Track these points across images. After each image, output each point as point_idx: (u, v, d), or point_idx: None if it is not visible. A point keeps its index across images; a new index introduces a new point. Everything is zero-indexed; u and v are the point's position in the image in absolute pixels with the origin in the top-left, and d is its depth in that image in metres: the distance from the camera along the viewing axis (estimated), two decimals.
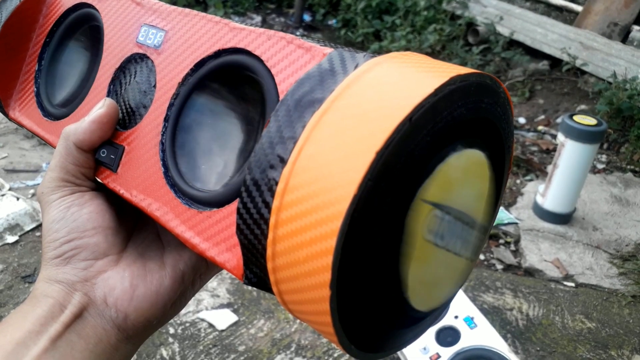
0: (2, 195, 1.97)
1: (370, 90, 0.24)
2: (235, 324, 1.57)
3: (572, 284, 1.86)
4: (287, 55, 0.29)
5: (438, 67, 0.25)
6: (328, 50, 0.28)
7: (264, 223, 0.25)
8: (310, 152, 0.23)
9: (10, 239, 1.83)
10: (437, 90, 0.23)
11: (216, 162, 0.32)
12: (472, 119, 0.25)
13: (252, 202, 0.25)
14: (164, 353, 1.46)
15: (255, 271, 0.27)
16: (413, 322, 0.28)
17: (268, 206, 0.24)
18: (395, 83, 0.24)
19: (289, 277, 0.24)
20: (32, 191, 2.10)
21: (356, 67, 0.25)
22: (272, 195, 0.24)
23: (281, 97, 0.28)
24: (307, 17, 4.44)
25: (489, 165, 0.28)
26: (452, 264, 0.28)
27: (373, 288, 0.24)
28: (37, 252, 1.81)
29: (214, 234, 0.30)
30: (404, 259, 0.24)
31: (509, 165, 0.31)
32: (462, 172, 0.25)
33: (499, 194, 0.30)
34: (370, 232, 0.22)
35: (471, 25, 3.79)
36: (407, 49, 3.58)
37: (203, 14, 0.35)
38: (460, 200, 0.26)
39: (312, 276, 0.23)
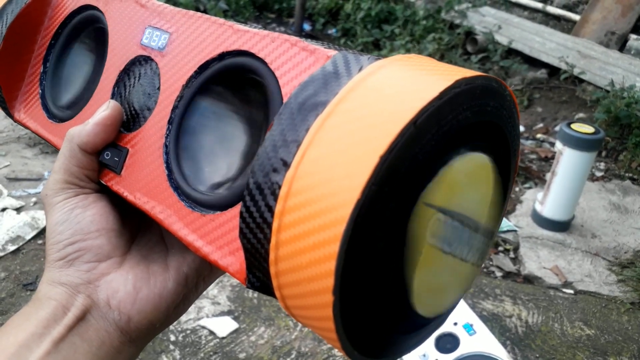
0: (3, 210, 1.96)
1: (374, 93, 0.23)
2: (235, 331, 1.58)
3: (571, 291, 1.86)
4: (291, 58, 0.29)
5: (443, 70, 0.24)
6: (332, 52, 0.28)
7: (267, 227, 0.24)
8: (313, 155, 0.23)
9: (12, 247, 1.84)
10: (442, 94, 0.22)
11: (220, 165, 0.32)
12: (477, 122, 0.25)
13: (255, 206, 0.25)
14: None
15: (258, 275, 0.27)
16: (417, 328, 0.28)
17: (271, 210, 0.24)
18: (400, 86, 0.23)
19: (292, 282, 0.24)
20: (34, 199, 2.11)
21: (360, 69, 0.25)
22: (275, 199, 0.24)
23: (285, 100, 0.28)
24: (307, 27, 4.47)
25: (494, 168, 0.27)
26: (456, 268, 0.27)
27: (376, 293, 0.24)
28: (38, 260, 1.81)
29: (217, 237, 0.30)
30: (408, 264, 0.24)
31: (515, 169, 0.31)
32: (466, 176, 0.25)
33: (505, 198, 0.30)
34: (374, 237, 0.22)
35: (470, 34, 3.82)
36: None
37: (207, 16, 0.35)
38: (465, 204, 0.26)
39: (314, 281, 0.22)
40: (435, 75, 0.24)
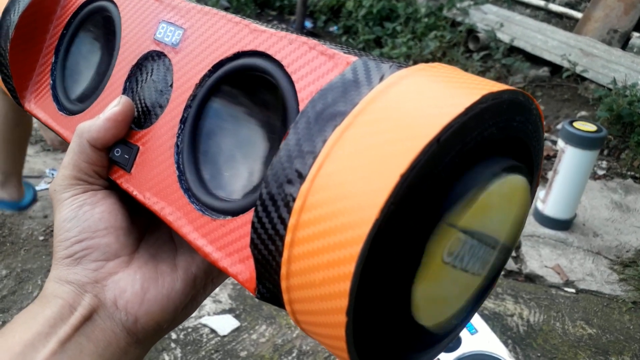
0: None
1: (395, 106, 0.22)
2: (237, 329, 1.57)
3: (573, 290, 1.86)
4: (308, 62, 0.28)
5: (469, 83, 0.23)
6: (352, 58, 0.27)
7: (279, 240, 0.24)
8: (330, 169, 0.22)
9: None
10: (468, 110, 0.21)
11: (235, 170, 0.31)
12: (502, 138, 0.24)
13: (267, 217, 0.24)
14: (167, 358, 1.46)
15: (269, 287, 0.26)
16: (428, 345, 0.27)
17: (284, 223, 0.23)
18: (423, 99, 0.22)
19: (304, 298, 0.23)
20: None
21: (381, 79, 0.24)
22: (289, 212, 0.23)
23: (301, 105, 0.27)
24: (308, 24, 4.46)
25: (528, 190, 0.26)
26: (469, 284, 0.26)
27: (389, 313, 0.23)
28: (40, 258, 1.81)
29: (227, 244, 0.29)
30: (421, 282, 0.23)
31: (536, 183, 0.30)
32: (499, 199, 0.24)
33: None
34: (390, 257, 0.21)
35: (472, 32, 3.81)
36: (408, 56, 3.60)
37: (223, 12, 0.34)
38: (490, 224, 0.25)
39: (327, 300, 0.22)
40: (461, 89, 0.23)
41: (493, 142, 0.23)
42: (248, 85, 0.32)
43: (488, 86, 0.23)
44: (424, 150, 0.20)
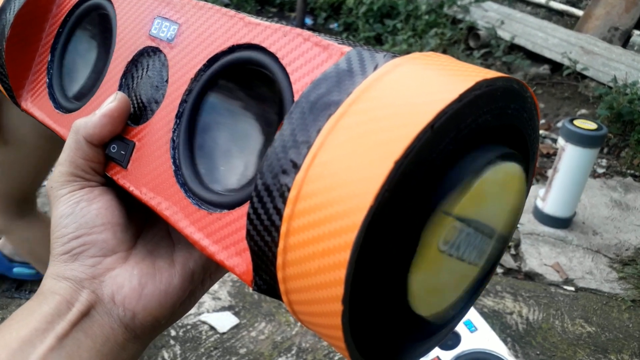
0: None
1: (389, 94, 0.22)
2: (236, 326, 1.58)
3: (572, 288, 1.86)
4: (303, 53, 0.28)
5: (463, 71, 0.23)
6: (346, 48, 0.27)
7: (274, 230, 0.24)
8: (324, 158, 0.22)
9: None
10: (462, 96, 0.21)
11: (231, 163, 0.31)
12: (497, 125, 0.24)
13: (262, 208, 0.24)
14: (166, 355, 1.46)
15: (265, 278, 0.26)
16: (426, 336, 0.27)
17: (279, 213, 0.23)
18: (417, 87, 0.22)
19: (300, 287, 0.23)
20: None
21: (375, 68, 0.24)
22: (284, 202, 0.23)
23: (296, 97, 0.27)
24: (308, 21, 4.45)
25: (524, 178, 0.26)
26: (466, 273, 0.26)
27: (385, 301, 0.23)
28: None
29: (224, 237, 0.29)
30: (416, 270, 0.23)
31: (533, 172, 0.29)
32: (495, 186, 0.24)
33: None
34: (385, 245, 0.21)
35: (472, 29, 3.80)
36: (408, 53, 3.60)
37: (218, 7, 0.34)
38: (486, 212, 0.25)
39: (323, 289, 0.22)
40: (455, 76, 0.22)
41: (488, 130, 0.23)
42: (243, 78, 0.32)
43: (482, 73, 0.23)
44: (418, 136, 0.20)
